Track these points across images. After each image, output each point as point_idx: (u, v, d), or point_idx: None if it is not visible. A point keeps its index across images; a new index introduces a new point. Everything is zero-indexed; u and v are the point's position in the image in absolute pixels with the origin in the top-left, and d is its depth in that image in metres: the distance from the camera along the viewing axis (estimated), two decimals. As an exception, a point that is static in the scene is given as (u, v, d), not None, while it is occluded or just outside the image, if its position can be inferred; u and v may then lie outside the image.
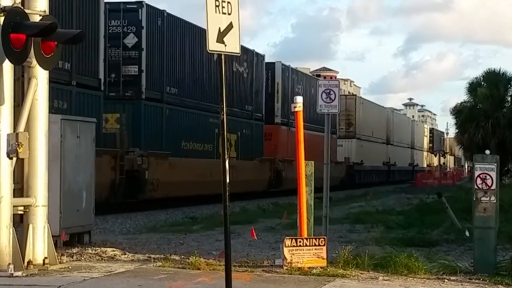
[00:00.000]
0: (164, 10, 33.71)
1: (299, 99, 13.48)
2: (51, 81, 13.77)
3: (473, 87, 47.13)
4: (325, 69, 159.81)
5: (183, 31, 35.48)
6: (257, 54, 44.70)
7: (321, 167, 16.17)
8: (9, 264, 12.09)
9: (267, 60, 46.38)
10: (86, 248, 15.50)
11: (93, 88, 28.12)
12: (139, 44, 32.07)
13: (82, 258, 14.29)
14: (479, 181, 12.93)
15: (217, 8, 10.19)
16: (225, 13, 10.28)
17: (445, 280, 12.28)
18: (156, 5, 33.27)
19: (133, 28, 32.10)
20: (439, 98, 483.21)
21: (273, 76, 46.49)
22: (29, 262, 12.60)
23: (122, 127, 30.70)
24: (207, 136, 37.19)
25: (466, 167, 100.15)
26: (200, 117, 36.71)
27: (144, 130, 32.34)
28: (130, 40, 32.24)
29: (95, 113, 26.43)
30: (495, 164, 13.04)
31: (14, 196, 12.51)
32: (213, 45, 10.14)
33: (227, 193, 10.10)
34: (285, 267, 12.90)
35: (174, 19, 34.96)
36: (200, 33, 35.33)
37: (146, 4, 32.02)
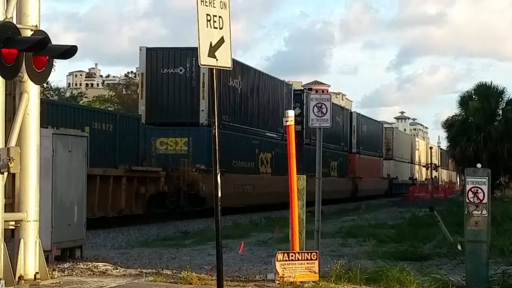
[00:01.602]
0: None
1: (291, 113, 13.48)
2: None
3: (464, 101, 47.28)
4: (317, 82, 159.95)
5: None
6: (286, 84, 51.88)
7: (374, 183, 16.30)
8: (0, 279, 12.03)
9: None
10: (78, 263, 15.45)
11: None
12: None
13: (74, 273, 14.24)
14: (470, 194, 12.94)
15: (208, 22, 10.22)
16: (216, 28, 10.31)
17: (437, 294, 12.26)
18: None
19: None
20: (432, 111, 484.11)
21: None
22: (20, 277, 12.56)
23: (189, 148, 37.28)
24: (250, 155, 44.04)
25: (458, 180, 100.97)
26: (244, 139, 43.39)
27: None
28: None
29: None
30: (487, 178, 13.05)
31: (5, 211, 12.45)
32: (204, 59, 10.17)
33: (219, 207, 10.10)
34: (277, 282, 12.88)
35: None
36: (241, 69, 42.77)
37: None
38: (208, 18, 10.22)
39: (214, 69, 10.28)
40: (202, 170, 35.79)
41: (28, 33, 12.76)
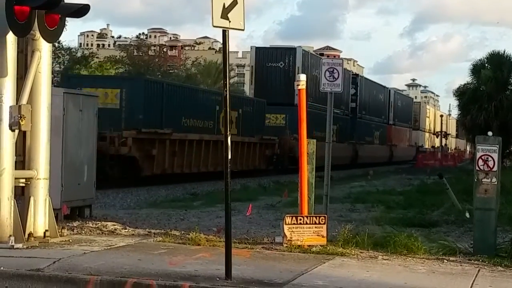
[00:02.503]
0: None
1: (302, 77, 13.47)
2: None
3: (476, 69, 47.08)
4: (328, 48, 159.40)
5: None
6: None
7: (405, 150, 16.42)
8: (10, 236, 12.12)
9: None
10: (87, 222, 15.54)
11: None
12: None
13: (83, 232, 14.33)
14: (480, 162, 12.92)
15: (222, -16, 10.16)
16: (230, -11, 10.24)
17: (445, 261, 12.30)
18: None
19: None
20: (444, 79, 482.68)
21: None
22: (30, 235, 12.64)
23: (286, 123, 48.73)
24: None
25: (468, 149, 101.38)
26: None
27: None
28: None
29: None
30: (497, 146, 13.02)
31: (15, 169, 12.52)
32: (217, 21, 10.12)
33: (229, 169, 10.11)
34: (285, 245, 12.93)
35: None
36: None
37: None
38: (222, -21, 10.17)
39: (227, 31, 10.24)
40: (297, 139, 41.46)
41: (41, -10, 12.70)
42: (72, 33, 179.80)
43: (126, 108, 31.01)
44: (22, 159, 12.96)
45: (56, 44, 63.80)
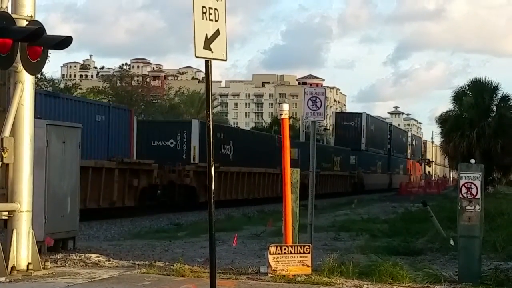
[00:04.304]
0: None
1: (285, 106, 13.48)
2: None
3: (459, 96, 47.30)
4: (311, 76, 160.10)
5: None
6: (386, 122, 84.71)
7: (401, 178, 16.55)
8: (-7, 269, 12.03)
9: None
10: (71, 254, 15.44)
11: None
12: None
13: (66, 264, 14.24)
14: (464, 190, 12.96)
15: (204, 14, 10.20)
16: (212, 20, 10.29)
17: (430, 289, 12.29)
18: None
19: None
20: (427, 107, 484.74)
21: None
22: (12, 268, 12.55)
23: None
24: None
25: (451, 176, 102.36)
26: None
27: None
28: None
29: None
30: (480, 173, 13.06)
31: (-2, 201, 12.45)
32: (199, 51, 10.15)
33: (212, 200, 10.09)
34: (270, 275, 12.89)
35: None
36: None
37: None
38: (204, 10, 10.20)
39: (210, 61, 10.26)
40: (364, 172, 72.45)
41: (23, 23, 12.73)
42: (55, 64, 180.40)
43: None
44: (5, 191, 12.89)
45: (39, 76, 63.73)
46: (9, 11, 12.67)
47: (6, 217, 12.89)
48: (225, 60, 10.55)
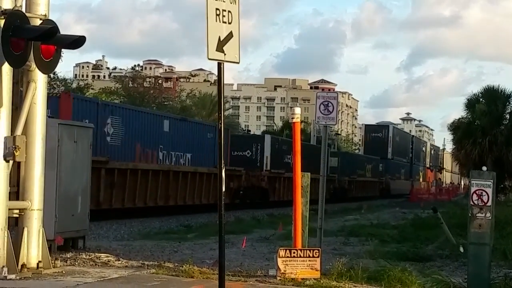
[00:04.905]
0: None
1: (297, 110, 13.50)
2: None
3: (471, 103, 47.10)
4: (323, 81, 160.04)
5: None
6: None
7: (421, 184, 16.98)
8: (3, 266, 12.07)
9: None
10: (80, 253, 15.47)
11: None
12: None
13: (76, 263, 14.27)
14: (475, 197, 12.92)
15: (217, 17, 10.21)
16: (225, 22, 10.30)
17: (438, 295, 12.26)
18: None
19: None
20: (440, 113, 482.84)
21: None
22: (23, 265, 12.59)
23: None
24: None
25: (462, 183, 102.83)
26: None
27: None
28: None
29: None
30: (492, 181, 13.03)
31: (9, 199, 12.49)
32: (212, 53, 10.16)
33: (223, 202, 10.11)
34: (278, 278, 12.89)
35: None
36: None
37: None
38: (218, 12, 10.21)
39: (222, 63, 10.28)
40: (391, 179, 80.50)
41: (37, 22, 12.78)
42: (68, 64, 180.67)
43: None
44: (16, 190, 12.93)
45: (52, 75, 63.93)
46: (23, 9, 12.71)
47: (17, 215, 12.93)
48: (238, 63, 10.56)
